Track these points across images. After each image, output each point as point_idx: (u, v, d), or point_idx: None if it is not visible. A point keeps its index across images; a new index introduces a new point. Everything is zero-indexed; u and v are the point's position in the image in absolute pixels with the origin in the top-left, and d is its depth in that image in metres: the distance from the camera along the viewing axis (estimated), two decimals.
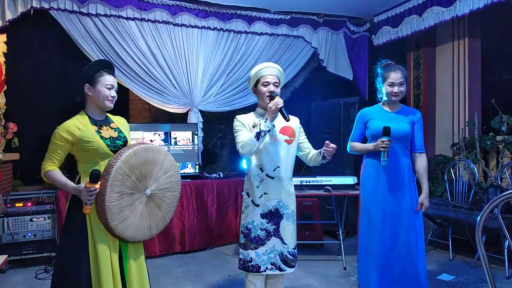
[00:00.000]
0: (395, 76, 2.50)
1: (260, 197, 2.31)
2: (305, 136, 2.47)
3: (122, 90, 5.01)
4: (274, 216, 2.31)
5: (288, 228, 2.33)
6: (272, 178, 2.30)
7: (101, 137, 1.99)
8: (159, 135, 4.35)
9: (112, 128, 2.08)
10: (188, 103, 4.73)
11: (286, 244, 2.31)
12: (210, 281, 3.38)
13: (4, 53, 3.94)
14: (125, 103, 5.64)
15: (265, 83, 2.30)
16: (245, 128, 2.31)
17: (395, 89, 2.49)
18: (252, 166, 2.35)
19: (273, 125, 2.22)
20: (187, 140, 4.47)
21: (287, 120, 2.19)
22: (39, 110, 4.86)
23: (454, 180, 4.15)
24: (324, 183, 3.66)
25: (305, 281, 3.34)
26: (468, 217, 3.64)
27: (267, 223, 2.31)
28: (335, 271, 3.59)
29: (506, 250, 3.34)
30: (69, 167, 4.02)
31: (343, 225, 3.95)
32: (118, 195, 1.89)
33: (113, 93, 2.05)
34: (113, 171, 1.86)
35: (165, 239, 4.10)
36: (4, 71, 3.90)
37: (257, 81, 2.33)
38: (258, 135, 2.16)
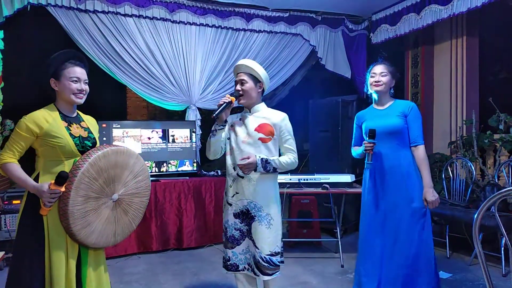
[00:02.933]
0: (377, 67, 2.54)
1: (233, 196, 2.27)
2: (288, 137, 2.28)
3: (119, 88, 5.02)
4: (245, 217, 2.25)
5: (261, 232, 2.20)
6: (242, 177, 2.23)
7: (70, 134, 1.87)
8: (157, 132, 4.34)
9: (82, 127, 1.97)
10: (186, 100, 4.72)
11: (258, 249, 2.19)
12: (208, 278, 3.38)
13: (1, 50, 3.92)
14: (122, 101, 5.63)
15: (235, 82, 2.29)
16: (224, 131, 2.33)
17: (376, 78, 2.51)
18: (227, 165, 2.31)
19: (218, 124, 2.21)
20: (185, 137, 4.46)
21: (212, 117, 2.19)
22: (36, 107, 4.84)
23: (452, 178, 4.16)
24: (322, 181, 3.66)
25: (302, 278, 3.35)
26: (465, 215, 3.65)
27: (240, 223, 2.26)
28: (332, 268, 3.59)
29: (502, 248, 3.35)
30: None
31: (341, 223, 3.95)
32: (83, 199, 1.77)
33: (80, 86, 1.89)
34: (79, 173, 1.74)
35: (162, 237, 4.10)
36: (1, 68, 3.88)
37: None
38: (210, 133, 2.24)
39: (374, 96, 2.60)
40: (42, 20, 4.13)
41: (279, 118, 2.27)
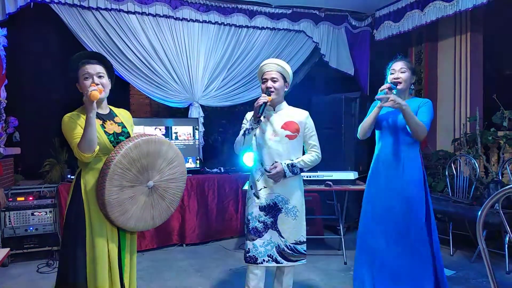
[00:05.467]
0: (396, 64, 2.53)
1: (260, 190, 2.37)
2: (312, 134, 2.40)
3: (122, 85, 5.02)
4: (272, 209, 2.34)
5: (287, 223, 2.34)
6: (270, 172, 2.32)
7: (105, 132, 1.95)
8: (160, 129, 4.35)
9: (116, 122, 2.04)
10: (189, 97, 4.73)
11: (284, 238, 2.33)
12: (212, 275, 3.39)
13: (4, 47, 3.93)
14: (125, 98, 5.64)
15: (264, 80, 2.36)
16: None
17: (395, 75, 2.50)
18: (256, 160, 2.42)
19: (255, 123, 2.27)
20: (188, 135, 4.47)
21: (258, 117, 2.25)
22: (40, 104, 4.86)
23: (455, 176, 4.15)
24: (325, 178, 3.66)
25: (305, 275, 3.35)
26: (469, 212, 3.65)
27: (265, 216, 2.35)
28: (335, 265, 3.60)
29: (506, 245, 3.34)
30: (70, 162, 4.03)
31: (344, 220, 3.95)
32: (118, 188, 1.87)
33: (93, 81, 1.92)
34: (112, 165, 1.83)
35: (166, 233, 4.12)
36: (4, 65, 3.90)
37: (261, 78, 2.41)
38: (244, 132, 2.32)
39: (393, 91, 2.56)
40: (45, 18, 4.14)
41: (304, 116, 2.40)
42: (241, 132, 2.37)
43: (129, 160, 1.88)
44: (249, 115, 2.42)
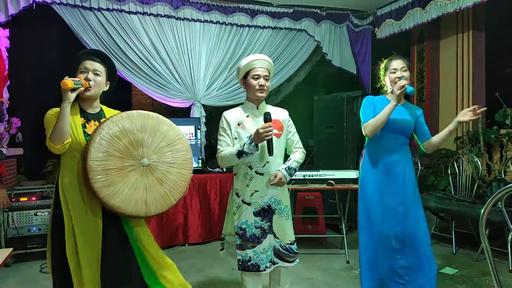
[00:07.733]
0: (397, 62, 2.46)
1: (251, 195, 2.25)
2: (294, 130, 2.40)
3: (124, 85, 5.03)
4: (267, 212, 2.27)
5: (282, 224, 2.29)
6: (262, 174, 2.24)
7: (84, 132, 1.88)
8: None
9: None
10: (190, 97, 4.73)
11: (279, 238, 2.29)
12: (213, 275, 3.39)
13: (7, 48, 3.94)
14: (127, 98, 5.65)
15: (256, 76, 2.25)
16: (229, 131, 2.29)
17: (398, 74, 2.43)
18: (241, 165, 2.27)
19: (257, 150, 2.17)
20: (190, 134, 4.47)
21: (270, 155, 2.17)
22: (42, 105, 4.85)
23: (458, 174, 4.13)
24: (327, 177, 3.66)
25: (308, 274, 3.35)
26: (472, 210, 3.63)
27: (261, 221, 2.26)
28: (338, 264, 3.60)
29: (509, 244, 3.33)
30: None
31: (346, 219, 3.94)
32: (104, 155, 1.78)
33: (85, 76, 1.87)
34: (100, 129, 1.78)
35: (168, 233, 4.13)
36: (7, 66, 3.91)
37: (247, 73, 2.29)
38: (239, 154, 2.16)
39: (390, 88, 2.53)
40: (47, 19, 4.15)
41: (286, 114, 2.39)
42: (234, 150, 2.19)
43: (120, 129, 1.82)
44: (228, 115, 2.32)
